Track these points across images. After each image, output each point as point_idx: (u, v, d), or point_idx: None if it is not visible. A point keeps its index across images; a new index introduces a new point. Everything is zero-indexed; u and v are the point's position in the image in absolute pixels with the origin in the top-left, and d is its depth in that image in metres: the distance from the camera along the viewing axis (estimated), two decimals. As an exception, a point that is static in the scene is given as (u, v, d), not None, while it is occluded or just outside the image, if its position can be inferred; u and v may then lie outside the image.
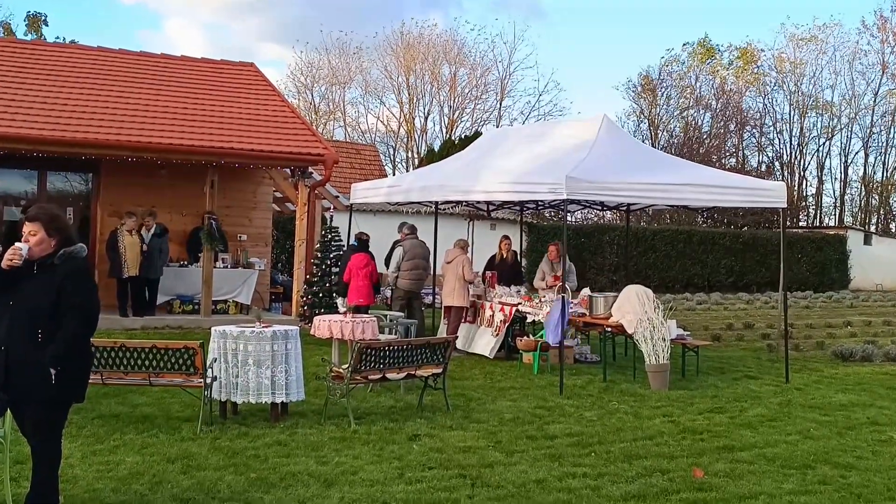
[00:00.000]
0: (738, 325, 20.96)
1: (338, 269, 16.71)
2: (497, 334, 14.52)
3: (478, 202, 16.71)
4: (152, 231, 17.18)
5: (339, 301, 15.18)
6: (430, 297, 16.59)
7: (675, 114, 51.68)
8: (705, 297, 30.50)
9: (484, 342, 14.70)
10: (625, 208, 16.54)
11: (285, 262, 23.73)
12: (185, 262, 18.64)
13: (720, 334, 18.77)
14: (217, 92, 19.72)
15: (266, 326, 9.47)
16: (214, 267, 17.99)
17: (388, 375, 9.74)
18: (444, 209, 17.92)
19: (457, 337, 10.64)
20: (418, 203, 16.42)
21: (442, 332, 15.21)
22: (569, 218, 40.57)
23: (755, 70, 54.41)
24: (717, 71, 54.61)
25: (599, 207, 16.29)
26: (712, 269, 35.23)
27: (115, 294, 17.18)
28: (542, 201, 15.75)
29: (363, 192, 16.39)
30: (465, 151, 16.25)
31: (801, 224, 49.18)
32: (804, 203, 52.02)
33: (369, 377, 9.63)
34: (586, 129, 13.89)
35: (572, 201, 13.60)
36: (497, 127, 46.47)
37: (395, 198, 15.77)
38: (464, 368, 13.49)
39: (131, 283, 17.04)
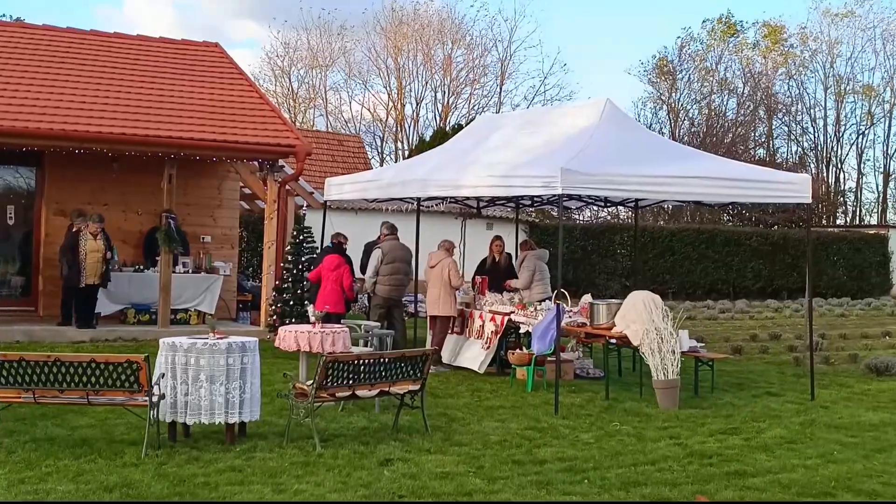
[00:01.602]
0: (763, 336, 20.96)
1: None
2: (488, 347, 14.50)
3: (466, 198, 16.69)
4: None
5: (310, 309, 15.15)
6: (413, 306, 16.56)
7: (697, 99, 51.71)
8: (729, 304, 30.55)
9: (472, 355, 14.67)
10: (632, 204, 16.49)
11: (256, 266, 23.72)
12: (141, 267, 18.61)
13: (742, 346, 18.76)
14: (176, 75, 19.71)
15: (221, 337, 9.44)
16: (173, 272, 17.96)
17: (359, 393, 9.71)
18: (428, 206, 17.88)
19: (437, 349, 10.59)
20: (399, 200, 16.37)
21: (429, 345, 15.18)
22: (576, 216, 40.87)
23: (784, 50, 54.46)
24: (742, 51, 54.68)
25: (602, 203, 16.26)
26: (738, 273, 35.28)
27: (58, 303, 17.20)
28: (537, 197, 15.75)
29: (338, 187, 16.37)
30: (451, 141, 16.27)
31: (837, 222, 49.19)
32: (841, 198, 52.00)
33: (337, 394, 9.60)
34: (587, 116, 13.88)
35: (569, 196, 13.57)
36: (498, 113, 46.48)
37: (372, 194, 15.74)
38: (449, 385, 13.46)
39: (85, 292, 17.00)
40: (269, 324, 17.51)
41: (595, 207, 19.96)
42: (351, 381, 9.57)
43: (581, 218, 43.22)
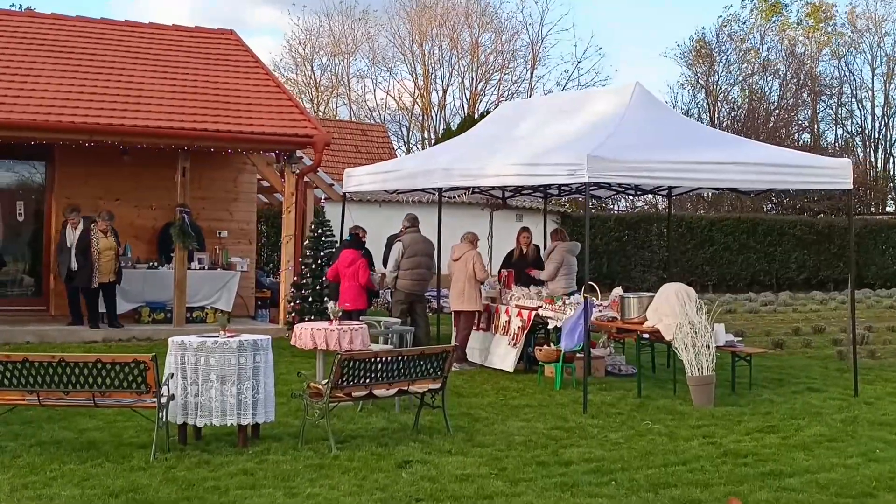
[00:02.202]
0: (807, 330, 20.81)
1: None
2: (514, 343, 14.46)
3: (492, 188, 16.65)
4: (79, 229, 17.12)
5: (330, 305, 15.16)
6: (436, 301, 16.55)
7: (738, 81, 51.34)
8: (772, 297, 30.33)
9: (501, 354, 14.64)
10: (665, 192, 16.40)
11: (276, 262, 23.77)
12: (155, 264, 18.69)
13: (783, 340, 18.61)
14: (190, 64, 19.78)
15: (232, 336, 9.46)
16: (189, 268, 18.03)
17: (376, 392, 9.72)
18: (452, 197, 17.85)
19: (456, 347, 10.58)
20: (421, 190, 16.37)
21: (453, 342, 15.14)
22: (611, 206, 40.66)
23: (828, 29, 53.99)
24: (784, 31, 54.25)
25: (633, 192, 16.18)
26: (780, 263, 35.08)
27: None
28: (566, 186, 15.70)
29: (357, 178, 16.38)
30: (475, 129, 16.26)
31: (887, 209, 48.72)
32: (891, 184, 51.50)
33: (353, 394, 9.61)
34: (615, 100, 13.84)
35: (597, 184, 13.51)
36: (525, 99, 46.33)
37: (393, 185, 15.75)
38: (474, 384, 13.46)
39: (102, 290, 17.14)
40: (287, 321, 17.54)
41: (631, 197, 19.93)
42: (368, 380, 9.57)
43: (616, 208, 43.17)
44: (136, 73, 18.75)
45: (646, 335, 13.15)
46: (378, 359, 9.64)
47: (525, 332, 14.32)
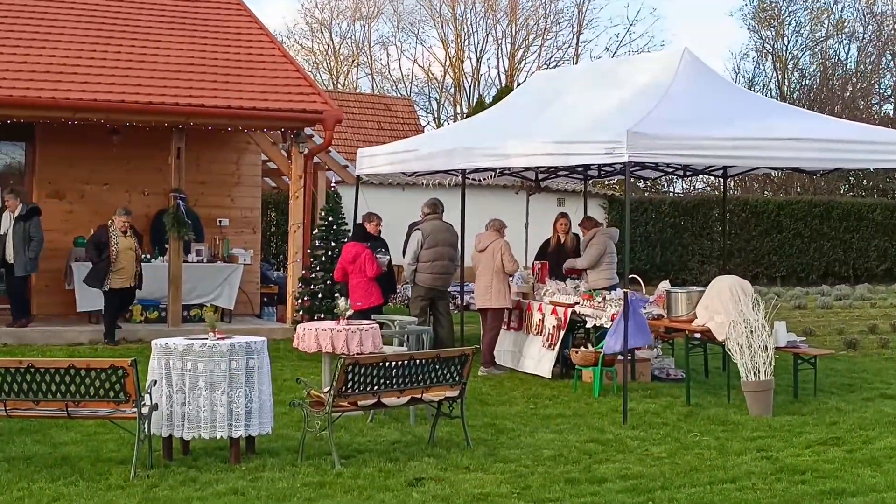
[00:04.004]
0: (885, 328, 20.62)
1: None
2: (551, 345, 14.39)
3: (525, 169, 16.57)
4: (18, 212, 16.88)
5: (341, 302, 15.14)
6: (460, 297, 16.48)
7: (809, 46, 50.89)
8: (848, 290, 30.15)
9: (535, 357, 14.59)
10: (719, 173, 16.28)
11: (287, 253, 23.80)
12: (148, 256, 18.71)
13: (857, 339, 18.44)
14: (186, 33, 19.80)
15: (222, 337, 9.45)
16: (185, 261, 18.05)
17: (385, 400, 9.69)
18: (478, 180, 17.77)
19: (477, 349, 10.51)
20: (443, 172, 16.31)
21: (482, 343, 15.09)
22: (666, 188, 40.42)
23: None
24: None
25: (682, 173, 16.07)
26: (859, 252, 34.79)
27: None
28: (608, 166, 15.63)
29: (371, 159, 16.38)
30: (503, 103, 16.21)
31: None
32: None
33: (359, 403, 9.58)
34: (660, 69, 13.78)
35: (641, 164, 13.44)
36: (558, 68, 46.12)
37: (412, 166, 15.70)
38: (502, 390, 13.46)
39: (122, 296, 17.00)
40: (295, 320, 17.55)
41: (688, 177, 19.77)
42: (376, 387, 9.54)
43: (672, 190, 42.98)
44: (124, 43, 18.78)
45: (696, 335, 13.06)
46: (387, 363, 9.60)
47: (562, 331, 14.25)
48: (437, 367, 9.88)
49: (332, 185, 19.90)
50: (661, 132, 11.76)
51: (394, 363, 9.65)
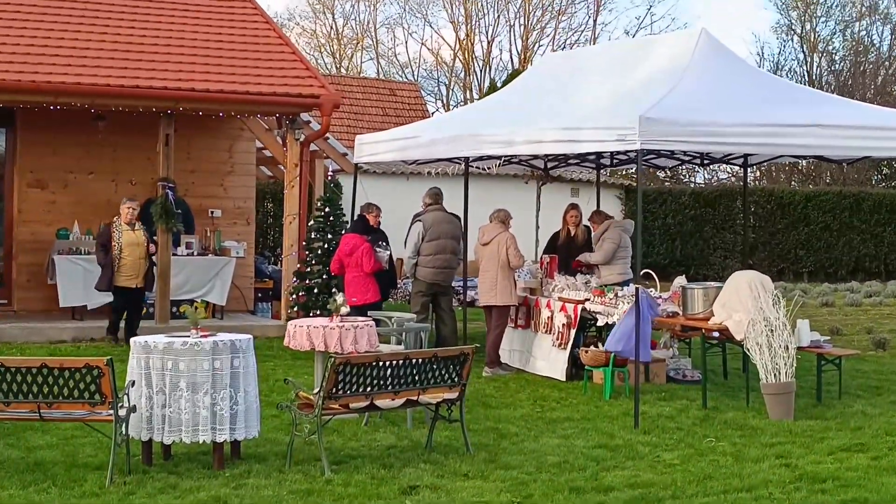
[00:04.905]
0: (917, 326, 20.59)
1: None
2: (561, 344, 14.31)
3: (533, 157, 16.50)
4: None
5: (339, 297, 15.07)
6: (463, 292, 16.44)
7: (839, 28, 50.76)
8: (879, 286, 30.03)
9: (547, 358, 14.53)
10: (740, 162, 16.19)
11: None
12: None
13: (887, 339, 18.36)
14: (176, 13, 19.71)
15: (205, 335, 9.37)
16: (174, 254, 17.98)
17: (379, 403, 9.61)
18: (481, 168, 17.69)
19: (477, 347, 10.42)
20: (446, 161, 16.25)
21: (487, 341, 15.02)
22: (687, 178, 40.31)
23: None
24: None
25: (699, 161, 15.98)
26: (891, 247, 34.74)
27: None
28: (621, 154, 15.55)
29: (371, 146, 16.32)
30: (511, 86, 16.12)
31: None
32: None
33: (351, 405, 9.50)
34: (676, 51, 13.74)
35: (656, 153, 13.37)
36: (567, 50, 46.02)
37: (413, 153, 15.63)
38: (506, 392, 13.42)
39: (126, 296, 16.39)
40: (290, 316, 17.47)
41: (703, 166, 19.66)
42: (368, 389, 9.46)
43: (693, 180, 42.88)
44: (110, 23, 18.69)
45: (714, 334, 12.97)
46: (381, 363, 9.52)
47: (572, 330, 14.16)
48: (435, 367, 9.79)
49: (330, 174, 19.84)
50: (676, 118, 11.69)
51: (388, 363, 9.57)
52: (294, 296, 17.30)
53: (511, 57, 51.50)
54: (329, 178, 19.53)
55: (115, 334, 16.60)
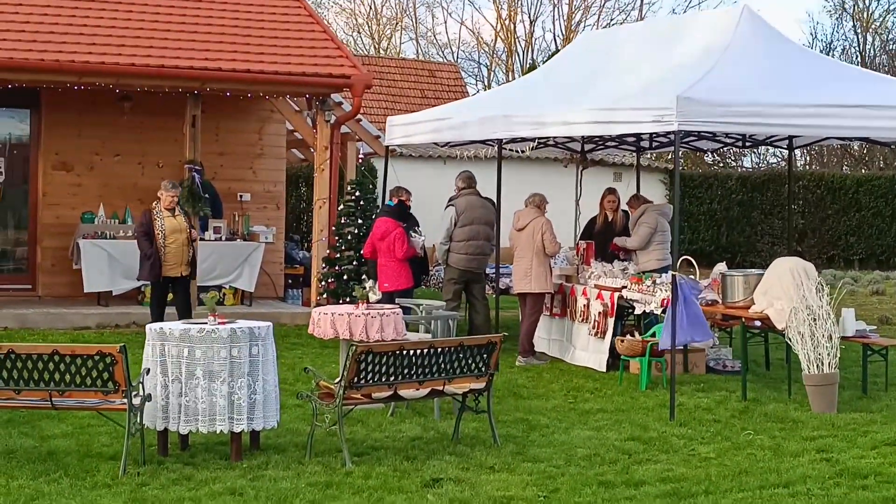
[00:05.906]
0: (970, 316, 20.33)
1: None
2: (599, 334, 14.18)
3: (569, 139, 16.39)
4: None
5: (369, 285, 15.01)
6: (496, 279, 16.31)
7: (893, 8, 50.19)
8: (934, 274, 29.74)
9: (587, 348, 14.48)
10: (785, 144, 16.01)
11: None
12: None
13: (937, 329, 18.17)
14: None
15: (223, 322, 9.31)
16: (202, 239, 17.94)
17: (402, 392, 9.54)
18: (515, 151, 17.55)
19: (506, 336, 10.35)
20: (480, 143, 16.16)
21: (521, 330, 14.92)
22: (734, 162, 40.02)
23: None
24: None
25: (741, 143, 15.83)
26: (948, 232, 34.31)
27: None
28: (657, 136, 15.43)
29: (402, 128, 16.31)
30: (545, 67, 16.05)
31: None
32: None
33: (373, 395, 9.42)
34: (716, 29, 13.60)
35: (696, 134, 13.23)
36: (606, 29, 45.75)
37: (446, 135, 15.58)
38: (539, 382, 13.35)
39: (173, 286, 15.65)
40: (319, 303, 17.41)
41: (760, 151, 19.60)
42: (392, 378, 9.38)
43: (741, 164, 42.53)
44: (135, 2, 18.65)
45: (755, 323, 12.81)
46: (404, 351, 9.44)
47: (610, 318, 14.03)
48: (461, 356, 9.70)
49: (361, 157, 19.77)
50: (715, 98, 11.58)
51: (412, 351, 9.49)
52: (324, 282, 17.24)
53: (554, 37, 51.23)
54: (360, 161, 19.44)
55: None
